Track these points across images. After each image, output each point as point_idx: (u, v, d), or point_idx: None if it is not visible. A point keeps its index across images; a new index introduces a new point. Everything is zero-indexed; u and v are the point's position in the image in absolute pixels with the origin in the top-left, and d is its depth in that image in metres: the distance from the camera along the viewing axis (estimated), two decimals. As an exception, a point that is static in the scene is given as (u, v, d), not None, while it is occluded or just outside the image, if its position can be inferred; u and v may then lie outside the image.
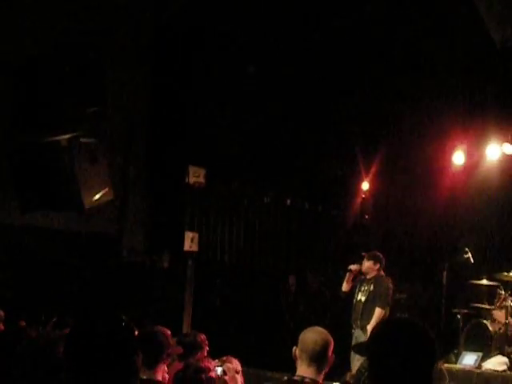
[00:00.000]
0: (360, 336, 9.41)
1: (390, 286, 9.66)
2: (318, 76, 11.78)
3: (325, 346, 4.50)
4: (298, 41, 11.47)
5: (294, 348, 4.55)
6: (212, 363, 5.29)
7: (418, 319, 2.98)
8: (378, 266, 9.77)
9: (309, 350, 4.48)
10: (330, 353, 4.52)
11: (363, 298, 9.67)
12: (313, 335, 4.55)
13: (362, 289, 9.76)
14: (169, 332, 5.44)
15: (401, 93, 11.80)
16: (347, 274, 9.92)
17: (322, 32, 11.22)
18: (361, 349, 8.91)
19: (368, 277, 9.75)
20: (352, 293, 9.90)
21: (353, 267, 9.87)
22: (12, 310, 8.12)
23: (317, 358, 4.47)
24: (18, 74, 8.91)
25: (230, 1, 10.94)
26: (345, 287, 9.96)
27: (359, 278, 9.91)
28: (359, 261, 9.93)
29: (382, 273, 9.79)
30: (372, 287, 9.62)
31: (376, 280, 9.65)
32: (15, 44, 9.76)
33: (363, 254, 9.97)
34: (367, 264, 9.76)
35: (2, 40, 9.81)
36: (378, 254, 9.91)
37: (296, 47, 11.52)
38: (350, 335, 9.82)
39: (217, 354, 5.66)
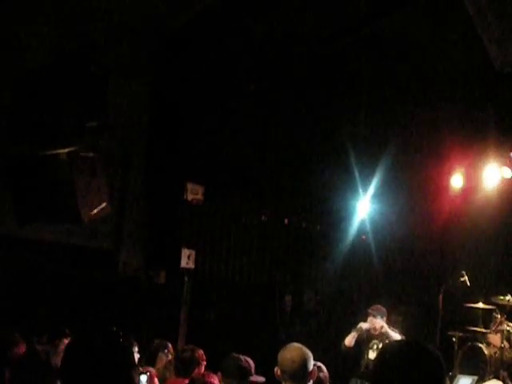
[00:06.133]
0: None
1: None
2: (319, 94, 11.81)
3: (303, 363, 4.60)
4: (298, 61, 11.50)
5: (276, 368, 4.63)
6: (216, 379, 5.30)
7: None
8: (385, 319, 9.81)
9: (289, 370, 4.57)
10: (310, 366, 4.61)
11: None
12: (290, 354, 4.63)
13: (375, 347, 9.70)
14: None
15: (399, 115, 11.83)
16: (355, 332, 9.81)
17: (322, 54, 11.26)
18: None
19: (376, 333, 9.73)
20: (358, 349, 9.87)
21: (364, 326, 9.77)
22: (7, 322, 8.07)
23: (298, 375, 4.59)
24: (17, 86, 8.90)
25: (232, 18, 10.97)
26: (350, 342, 9.83)
27: (367, 334, 9.84)
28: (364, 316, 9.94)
29: (387, 327, 9.77)
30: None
31: (388, 337, 9.56)
32: (15, 55, 9.77)
33: (369, 311, 9.89)
34: (377, 321, 9.72)
35: (2, 51, 9.82)
36: (381, 307, 9.92)
37: (296, 67, 11.55)
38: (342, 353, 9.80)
39: (212, 370, 5.63)
